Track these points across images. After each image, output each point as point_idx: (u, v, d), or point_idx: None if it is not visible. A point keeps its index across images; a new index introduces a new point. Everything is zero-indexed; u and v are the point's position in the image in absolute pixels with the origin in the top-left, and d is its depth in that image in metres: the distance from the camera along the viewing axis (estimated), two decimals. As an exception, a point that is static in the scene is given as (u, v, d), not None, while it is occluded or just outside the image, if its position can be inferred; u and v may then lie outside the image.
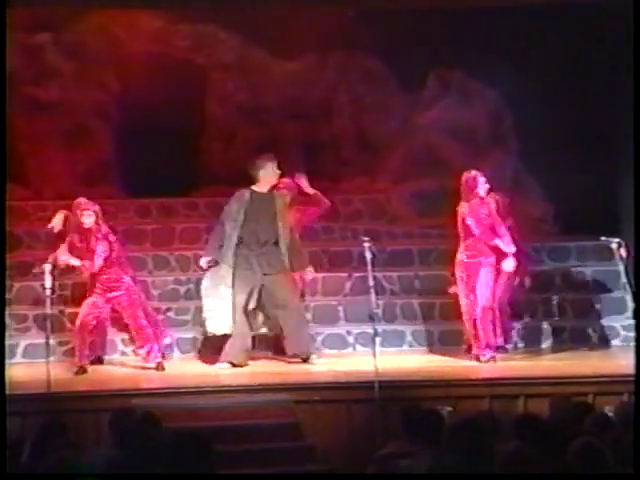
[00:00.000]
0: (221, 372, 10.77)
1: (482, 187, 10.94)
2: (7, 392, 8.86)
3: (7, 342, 11.59)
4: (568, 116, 12.52)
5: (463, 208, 10.95)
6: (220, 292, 10.90)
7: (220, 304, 10.89)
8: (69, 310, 11.88)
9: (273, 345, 11.47)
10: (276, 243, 10.98)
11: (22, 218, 13.27)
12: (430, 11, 12.09)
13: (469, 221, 10.86)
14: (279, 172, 11.06)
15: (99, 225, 11.00)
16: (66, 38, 13.92)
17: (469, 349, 11.12)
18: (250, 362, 11.05)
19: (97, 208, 11.07)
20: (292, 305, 10.97)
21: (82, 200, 11.13)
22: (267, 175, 11.05)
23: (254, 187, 11.03)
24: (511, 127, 13.83)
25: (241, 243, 10.93)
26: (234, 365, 10.85)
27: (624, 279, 10.59)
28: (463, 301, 10.98)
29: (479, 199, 10.90)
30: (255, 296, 10.90)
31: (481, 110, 13.95)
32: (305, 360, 10.95)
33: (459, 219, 10.97)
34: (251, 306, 10.89)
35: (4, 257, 11.60)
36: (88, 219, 10.91)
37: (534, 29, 12.40)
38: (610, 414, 7.30)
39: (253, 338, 11.18)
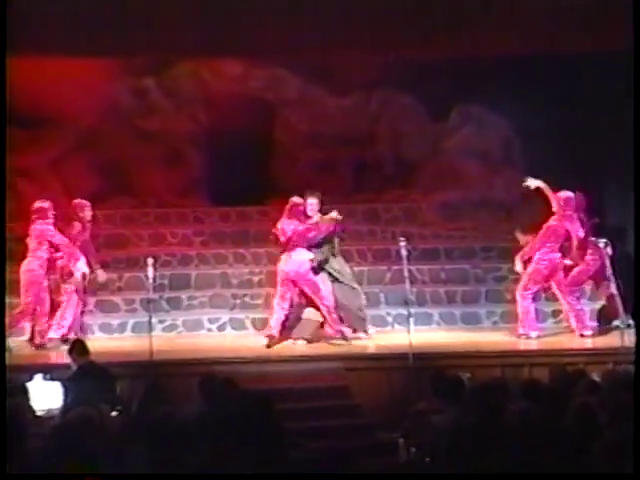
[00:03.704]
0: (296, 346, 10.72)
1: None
2: (113, 360, 8.92)
3: (119, 320, 11.72)
4: (567, 143, 12.45)
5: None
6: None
7: None
8: (167, 295, 11.99)
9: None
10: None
11: (130, 222, 13.38)
12: (455, 59, 12.05)
13: None
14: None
15: None
16: (165, 81, 14.03)
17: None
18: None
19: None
20: None
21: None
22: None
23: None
24: (519, 151, 13.75)
25: None
26: (308, 341, 10.83)
27: (610, 271, 10.45)
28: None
29: None
30: None
31: (495, 137, 13.89)
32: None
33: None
34: None
35: (4, 257, 11.20)
36: None
37: (539, 75, 12.32)
38: (598, 380, 7.22)
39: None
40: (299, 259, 10.68)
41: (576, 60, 11.65)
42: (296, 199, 10.88)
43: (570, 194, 10.94)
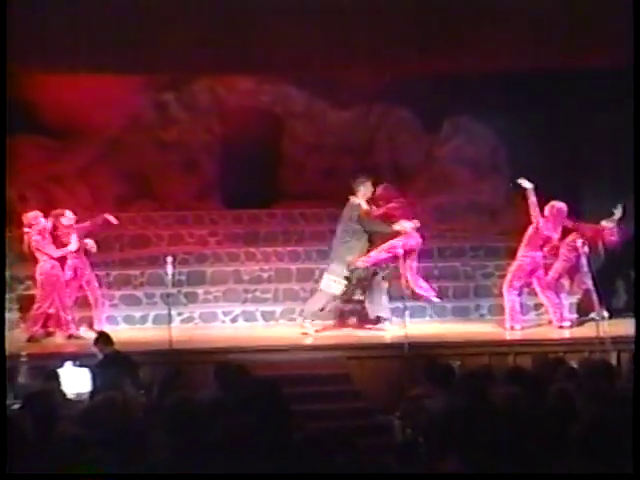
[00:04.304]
0: (303, 329, 10.71)
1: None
2: (134, 349, 8.89)
3: (141, 313, 11.73)
4: (549, 152, 12.45)
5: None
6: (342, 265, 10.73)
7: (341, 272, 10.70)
8: (185, 290, 12.00)
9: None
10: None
11: (151, 223, 13.40)
12: (447, 76, 12.06)
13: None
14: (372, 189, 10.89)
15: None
16: (183, 96, 14.02)
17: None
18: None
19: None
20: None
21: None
22: (367, 190, 10.86)
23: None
24: (504, 159, 13.75)
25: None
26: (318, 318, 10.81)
27: (586, 269, 10.44)
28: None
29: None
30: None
31: (482, 146, 13.89)
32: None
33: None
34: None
35: (4, 257, 11.12)
36: None
37: (522, 90, 12.31)
38: (575, 367, 7.23)
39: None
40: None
41: (557, 76, 11.66)
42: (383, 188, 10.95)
43: (562, 205, 10.92)
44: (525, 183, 10.74)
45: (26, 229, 10.71)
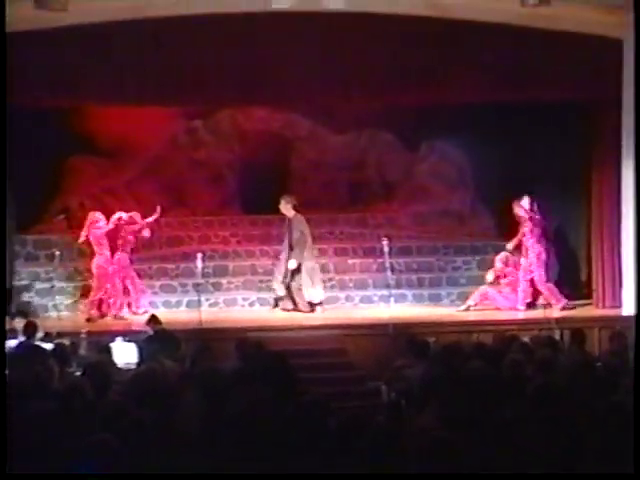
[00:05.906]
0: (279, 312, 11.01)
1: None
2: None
3: (176, 299, 11.77)
4: (505, 170, 12.47)
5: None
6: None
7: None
8: (211, 280, 12.01)
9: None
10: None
11: (184, 227, 13.39)
12: (424, 107, 12.06)
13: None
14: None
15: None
16: (209, 122, 14.02)
17: None
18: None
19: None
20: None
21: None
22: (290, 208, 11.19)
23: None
24: (470, 176, 13.76)
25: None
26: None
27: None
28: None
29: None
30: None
31: (452, 165, 13.88)
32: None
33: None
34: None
35: (4, 257, 10.96)
36: None
37: (484, 119, 12.29)
38: (527, 341, 7.26)
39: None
40: None
41: (512, 109, 11.67)
42: None
43: (521, 199, 11.10)
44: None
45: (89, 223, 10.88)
